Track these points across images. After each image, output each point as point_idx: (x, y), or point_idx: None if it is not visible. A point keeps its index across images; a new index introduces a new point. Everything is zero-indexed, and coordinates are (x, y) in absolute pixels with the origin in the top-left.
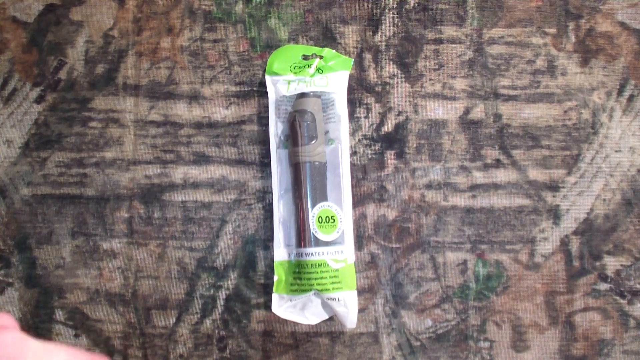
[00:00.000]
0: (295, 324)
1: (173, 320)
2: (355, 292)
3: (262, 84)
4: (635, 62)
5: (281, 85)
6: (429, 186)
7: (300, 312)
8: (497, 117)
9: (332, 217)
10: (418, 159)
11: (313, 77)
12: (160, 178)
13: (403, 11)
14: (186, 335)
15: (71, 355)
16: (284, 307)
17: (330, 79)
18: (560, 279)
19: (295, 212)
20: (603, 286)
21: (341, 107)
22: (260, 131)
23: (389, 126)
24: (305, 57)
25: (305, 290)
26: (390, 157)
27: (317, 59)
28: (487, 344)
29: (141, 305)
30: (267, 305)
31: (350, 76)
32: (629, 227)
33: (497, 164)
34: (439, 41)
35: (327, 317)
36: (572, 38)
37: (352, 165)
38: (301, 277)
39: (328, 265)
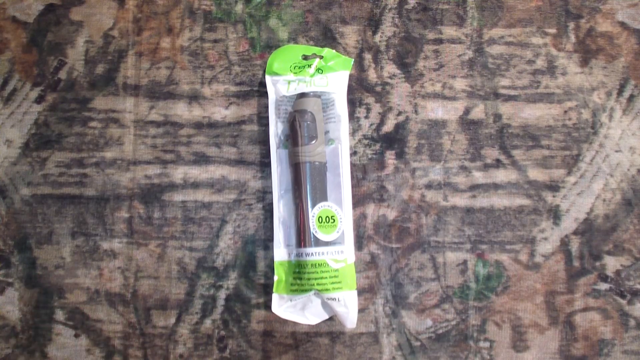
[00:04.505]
0: (295, 324)
1: (173, 320)
2: (355, 292)
3: (262, 84)
4: (635, 62)
5: (281, 85)
6: (429, 186)
7: (300, 312)
8: (497, 117)
9: (332, 217)
10: (418, 159)
11: (313, 77)
12: (160, 178)
13: (403, 11)
14: (186, 335)
15: None
16: (284, 307)
17: (330, 79)
18: (560, 279)
19: (295, 212)
20: (603, 286)
21: (341, 107)
22: (260, 131)
23: (389, 126)
24: (305, 57)
25: (306, 290)
26: (390, 157)
27: (317, 59)
28: (487, 344)
29: (141, 305)
30: (267, 305)
31: (350, 76)
32: (629, 227)
33: (497, 164)
34: (439, 41)
35: (327, 317)
36: (572, 38)
37: (352, 165)
38: (301, 277)
39: (328, 265)
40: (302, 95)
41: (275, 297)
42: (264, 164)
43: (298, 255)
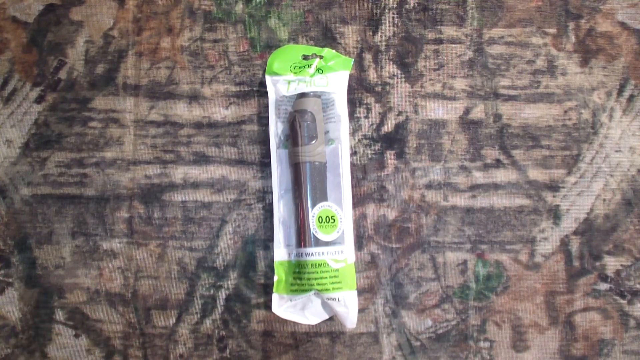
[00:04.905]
0: (295, 324)
1: (173, 320)
2: (355, 292)
3: (262, 84)
4: (635, 62)
5: (281, 85)
6: (429, 186)
7: (300, 312)
8: (497, 117)
9: (332, 217)
10: (418, 159)
11: (313, 77)
12: (160, 178)
13: (403, 11)
14: (186, 335)
15: None
16: (284, 307)
17: (330, 79)
18: (560, 279)
19: (295, 212)
20: (603, 286)
21: (341, 107)
22: (260, 131)
23: (389, 126)
24: (305, 57)
25: (306, 290)
26: (390, 157)
27: (317, 59)
28: (487, 344)
29: (141, 305)
30: (267, 305)
31: (350, 76)
32: (629, 227)
33: (497, 164)
34: (439, 41)
35: (327, 317)
36: (572, 38)
37: (352, 165)
38: (301, 277)
39: (328, 265)
40: (302, 95)
41: (275, 297)
42: (264, 164)
43: (298, 255)
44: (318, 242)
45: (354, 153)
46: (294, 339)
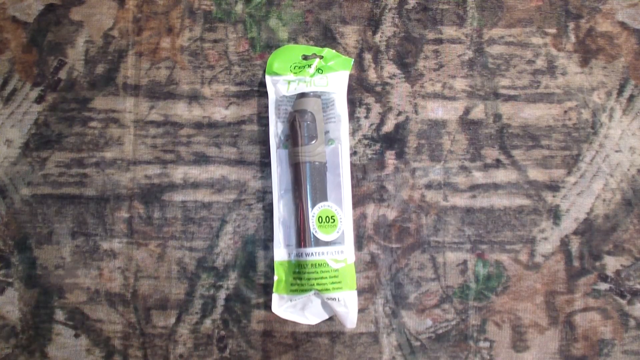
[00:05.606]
0: (295, 324)
1: (173, 320)
2: (355, 292)
3: (262, 84)
4: (635, 62)
5: (281, 85)
6: (429, 186)
7: (300, 312)
8: (497, 117)
9: (332, 217)
10: (418, 159)
11: (313, 77)
12: (160, 178)
13: (403, 11)
14: (186, 335)
15: None
16: (284, 307)
17: (330, 79)
18: (560, 279)
19: (295, 212)
20: (603, 286)
21: (341, 107)
22: (260, 131)
23: (389, 126)
24: (305, 57)
25: (305, 290)
26: (390, 157)
27: (317, 59)
28: (487, 344)
29: (141, 305)
30: (267, 305)
31: (350, 76)
32: (629, 227)
33: (497, 164)
34: (439, 41)
35: (327, 317)
36: (572, 38)
37: (352, 165)
38: (301, 277)
39: (328, 265)
40: (302, 95)
41: (275, 297)
42: (264, 164)
43: (298, 255)
44: (318, 242)
45: (354, 153)
46: (294, 339)
